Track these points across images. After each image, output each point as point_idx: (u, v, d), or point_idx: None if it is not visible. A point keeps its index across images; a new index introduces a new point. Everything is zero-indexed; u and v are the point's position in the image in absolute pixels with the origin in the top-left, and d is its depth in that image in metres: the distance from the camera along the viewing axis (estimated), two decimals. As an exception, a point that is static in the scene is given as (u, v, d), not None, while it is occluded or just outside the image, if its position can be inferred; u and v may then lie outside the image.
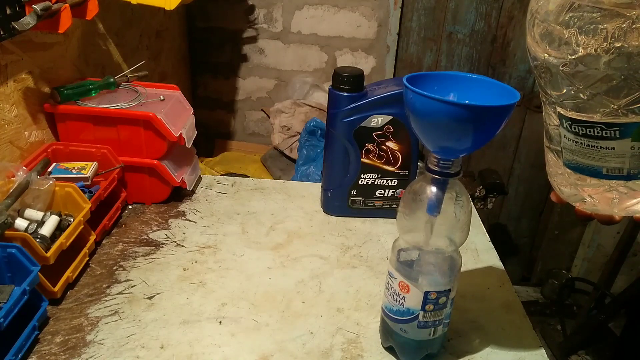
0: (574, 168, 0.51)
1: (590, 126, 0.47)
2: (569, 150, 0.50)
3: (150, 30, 1.42)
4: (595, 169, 0.49)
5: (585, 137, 0.48)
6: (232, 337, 0.62)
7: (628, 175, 0.47)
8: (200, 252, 0.77)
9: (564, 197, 0.53)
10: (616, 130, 0.46)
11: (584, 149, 0.49)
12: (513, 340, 0.64)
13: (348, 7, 1.75)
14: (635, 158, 0.46)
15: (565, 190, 0.53)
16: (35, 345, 0.58)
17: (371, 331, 0.64)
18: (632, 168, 0.47)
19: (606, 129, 0.46)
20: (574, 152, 0.50)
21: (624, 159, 0.47)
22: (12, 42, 0.76)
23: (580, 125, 0.48)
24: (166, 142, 0.83)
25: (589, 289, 1.97)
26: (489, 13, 1.75)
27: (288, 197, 0.94)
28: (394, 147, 0.83)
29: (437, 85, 0.52)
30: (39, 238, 0.64)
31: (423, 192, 0.53)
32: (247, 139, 1.99)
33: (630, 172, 0.47)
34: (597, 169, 0.49)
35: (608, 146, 0.47)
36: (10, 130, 0.77)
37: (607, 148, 0.47)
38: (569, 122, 0.49)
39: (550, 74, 0.48)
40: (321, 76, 1.86)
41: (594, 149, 0.48)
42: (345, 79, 0.79)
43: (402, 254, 0.56)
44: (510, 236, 2.12)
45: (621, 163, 0.47)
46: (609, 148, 0.47)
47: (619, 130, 0.46)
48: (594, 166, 0.49)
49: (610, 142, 0.46)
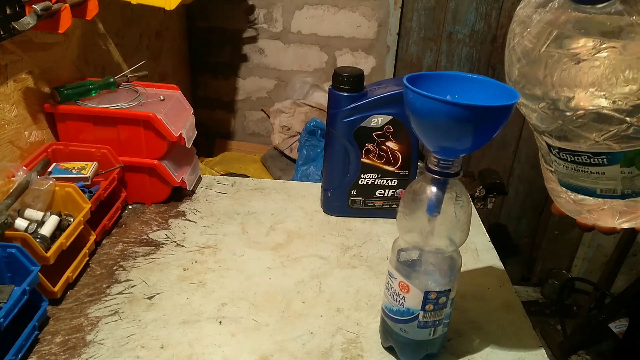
0: (568, 188, 0.51)
1: (577, 154, 0.47)
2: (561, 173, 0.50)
3: (150, 30, 1.42)
4: (589, 190, 0.48)
5: (575, 164, 0.48)
6: (232, 337, 0.62)
7: (622, 195, 0.47)
8: (200, 252, 0.77)
9: (564, 210, 0.53)
10: (603, 158, 0.45)
11: (575, 173, 0.48)
12: (513, 340, 0.64)
13: (348, 7, 1.75)
14: (627, 180, 0.46)
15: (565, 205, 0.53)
16: (35, 345, 0.58)
17: (371, 331, 0.64)
18: (625, 189, 0.47)
19: (593, 157, 0.46)
20: (567, 175, 0.50)
21: (615, 182, 0.46)
22: (12, 42, 0.76)
23: (568, 154, 0.48)
24: (166, 142, 0.83)
25: (589, 289, 1.97)
26: (489, 13, 1.75)
27: (288, 197, 0.94)
28: (394, 147, 0.83)
29: (437, 86, 0.52)
30: (39, 238, 0.64)
31: (423, 192, 0.53)
32: (247, 139, 1.99)
33: (625, 192, 0.47)
34: (591, 190, 0.48)
35: (598, 171, 0.46)
36: (10, 130, 0.77)
37: (597, 173, 0.47)
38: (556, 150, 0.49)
39: (531, 109, 0.48)
40: (321, 76, 1.86)
41: (585, 173, 0.48)
42: (345, 79, 0.79)
43: (402, 254, 0.56)
44: (510, 236, 2.12)
45: (614, 185, 0.47)
46: (600, 173, 0.47)
47: (607, 158, 0.45)
48: (587, 187, 0.49)
49: (599, 168, 0.46)
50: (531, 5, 0.48)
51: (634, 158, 0.44)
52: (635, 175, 0.45)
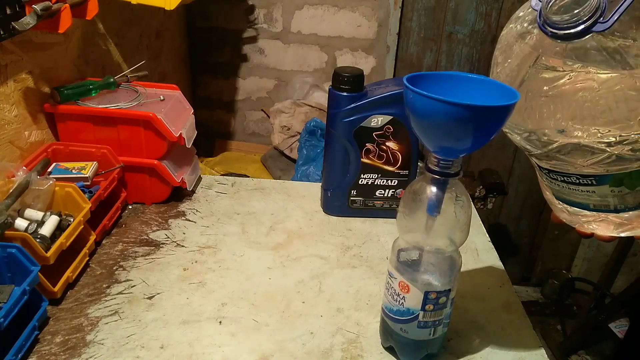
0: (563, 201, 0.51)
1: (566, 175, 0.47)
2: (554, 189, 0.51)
3: (150, 30, 1.42)
4: (583, 204, 0.49)
5: (565, 183, 0.48)
6: (232, 337, 0.62)
7: (615, 209, 0.47)
8: (200, 252, 0.77)
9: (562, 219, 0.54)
10: (592, 179, 0.46)
11: (567, 190, 0.49)
12: (513, 340, 0.64)
13: (348, 7, 1.75)
14: (619, 197, 0.46)
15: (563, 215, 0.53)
16: (35, 345, 0.58)
17: (371, 331, 0.64)
18: (618, 205, 0.47)
19: (582, 178, 0.46)
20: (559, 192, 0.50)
21: (607, 199, 0.47)
22: (12, 42, 0.76)
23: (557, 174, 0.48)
24: (166, 142, 0.83)
25: (589, 289, 1.97)
26: (489, 13, 1.75)
27: (288, 197, 0.94)
28: (394, 147, 0.83)
29: (437, 86, 0.52)
30: (39, 238, 0.64)
31: (423, 192, 0.53)
32: (247, 139, 1.99)
33: (617, 207, 0.47)
34: (585, 205, 0.49)
35: (589, 190, 0.47)
36: (10, 130, 0.77)
37: (588, 192, 0.47)
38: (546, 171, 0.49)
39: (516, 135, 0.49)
40: (321, 76, 1.86)
41: (576, 191, 0.48)
42: (345, 79, 0.79)
43: (402, 254, 0.56)
44: (510, 236, 2.12)
45: (605, 202, 0.47)
46: (590, 192, 0.47)
47: (595, 179, 0.46)
48: (580, 203, 0.49)
49: (589, 188, 0.46)
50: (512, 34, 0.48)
51: (623, 179, 0.44)
52: (625, 193, 0.45)
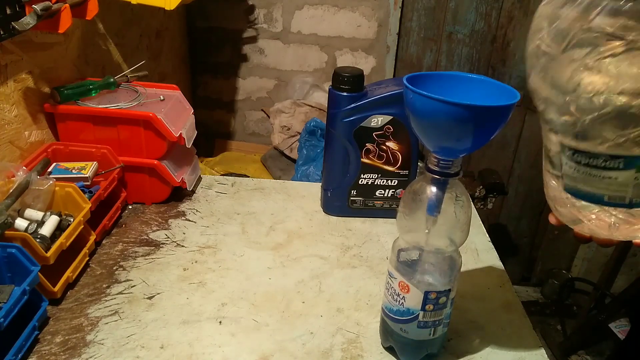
0: (574, 194, 0.49)
1: (593, 156, 0.45)
2: (570, 177, 0.49)
3: (150, 30, 1.42)
4: (597, 196, 0.47)
5: (588, 167, 0.46)
6: (232, 337, 0.62)
7: (630, 203, 0.46)
8: (200, 252, 0.77)
9: (563, 220, 0.53)
10: (620, 162, 0.44)
11: (585, 177, 0.47)
12: (513, 340, 0.64)
13: (348, 7, 1.75)
14: (639, 187, 0.45)
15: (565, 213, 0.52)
16: (35, 345, 0.58)
17: (371, 331, 0.64)
18: (634, 197, 0.45)
19: (610, 160, 0.44)
20: (576, 180, 0.48)
21: (627, 189, 0.45)
22: (12, 42, 0.76)
23: (582, 155, 0.46)
24: (166, 142, 0.83)
25: (589, 289, 1.96)
26: (489, 13, 1.75)
27: (288, 197, 0.94)
28: (394, 147, 0.83)
29: (437, 86, 0.52)
30: (39, 238, 0.64)
31: (423, 192, 0.53)
32: (247, 139, 1.99)
33: (633, 201, 0.46)
34: (599, 197, 0.47)
35: (611, 176, 0.45)
36: (10, 130, 0.77)
37: (610, 178, 0.45)
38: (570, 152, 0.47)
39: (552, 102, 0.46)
40: (321, 76, 1.86)
41: (596, 177, 0.46)
42: (345, 79, 0.79)
43: (402, 254, 0.56)
44: (510, 236, 2.12)
45: (624, 192, 0.46)
46: (612, 178, 0.45)
47: (623, 162, 0.44)
48: (595, 194, 0.47)
49: (613, 173, 0.45)
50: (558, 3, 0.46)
51: None
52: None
